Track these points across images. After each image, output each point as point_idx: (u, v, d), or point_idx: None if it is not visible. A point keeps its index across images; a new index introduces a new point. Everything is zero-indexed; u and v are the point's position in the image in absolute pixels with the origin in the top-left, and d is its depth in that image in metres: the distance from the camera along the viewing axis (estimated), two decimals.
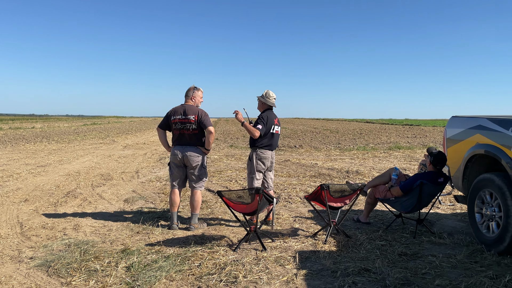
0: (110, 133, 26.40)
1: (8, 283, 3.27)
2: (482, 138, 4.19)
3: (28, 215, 5.49)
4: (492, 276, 3.34)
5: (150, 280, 3.30)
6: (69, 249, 4.06)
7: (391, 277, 3.32)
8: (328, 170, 9.69)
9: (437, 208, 5.96)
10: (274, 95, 4.97)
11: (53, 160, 11.48)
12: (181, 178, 4.90)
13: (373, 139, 21.52)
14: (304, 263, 3.69)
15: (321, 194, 4.30)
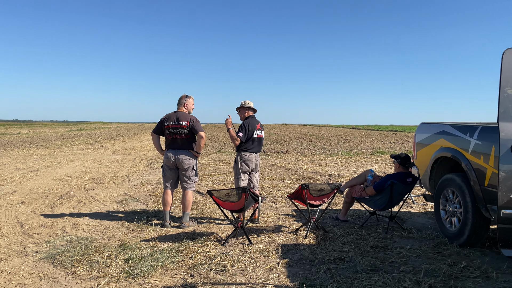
0: (98, 139, 26.50)
1: (18, 273, 3.61)
2: (445, 143, 4.69)
3: (27, 216, 5.79)
4: (451, 263, 3.80)
5: (147, 269, 3.67)
6: (70, 244, 4.40)
7: (362, 264, 3.76)
8: (312, 174, 10.16)
9: (410, 208, 6.46)
10: (251, 102, 5.40)
11: (44, 165, 11.70)
12: (174, 180, 5.28)
13: (357, 144, 22.13)
14: (286, 254, 4.11)
15: (301, 193, 4.73)
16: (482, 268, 3.67)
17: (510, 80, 2.86)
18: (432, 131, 5.04)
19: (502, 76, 2.86)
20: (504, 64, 2.85)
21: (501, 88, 2.84)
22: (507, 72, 2.85)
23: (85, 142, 22.79)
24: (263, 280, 3.47)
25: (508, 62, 2.86)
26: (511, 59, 2.86)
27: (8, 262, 3.88)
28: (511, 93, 2.85)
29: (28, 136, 28.74)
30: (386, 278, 3.42)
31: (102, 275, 3.55)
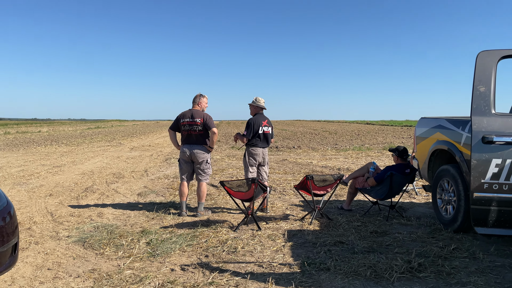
0: (115, 136, 27.28)
1: (53, 254, 4.10)
2: (441, 136, 5.01)
3: (55, 207, 6.32)
4: (442, 246, 4.15)
5: (167, 250, 4.13)
6: (97, 230, 4.90)
7: (360, 246, 4.14)
8: (322, 168, 10.52)
9: (413, 198, 6.78)
10: (263, 99, 5.81)
11: (66, 161, 12.33)
12: (189, 172, 5.73)
13: (369, 139, 22.32)
14: (291, 238, 4.52)
15: (306, 184, 5.12)
16: (471, 250, 4.01)
17: (482, 79, 3.19)
18: (430, 125, 5.36)
19: (476, 76, 3.19)
20: (478, 65, 3.19)
21: (474, 86, 3.17)
22: (480, 73, 3.19)
23: (104, 140, 23.54)
24: (269, 259, 3.88)
25: (481, 63, 3.19)
26: (484, 61, 3.19)
27: (44, 245, 4.38)
28: (483, 91, 3.18)
29: (48, 134, 29.71)
30: (380, 258, 3.81)
31: (127, 255, 4.02)
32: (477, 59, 3.19)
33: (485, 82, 3.20)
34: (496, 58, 3.22)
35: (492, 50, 3.21)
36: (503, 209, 3.22)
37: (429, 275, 3.43)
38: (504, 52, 3.22)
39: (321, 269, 3.57)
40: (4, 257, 3.08)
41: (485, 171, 3.18)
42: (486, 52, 3.23)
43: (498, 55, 3.22)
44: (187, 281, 3.39)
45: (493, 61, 3.23)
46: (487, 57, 3.22)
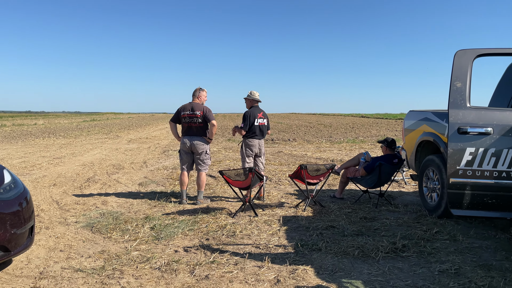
0: (112, 129, 27.46)
1: (64, 237, 4.39)
2: (427, 128, 5.33)
3: (60, 196, 6.59)
4: (425, 229, 4.49)
5: (170, 234, 4.43)
6: (103, 216, 5.19)
7: (349, 230, 4.47)
8: (316, 159, 10.84)
9: (402, 188, 7.12)
10: (257, 93, 6.10)
11: (66, 153, 12.57)
12: (189, 163, 6.02)
13: (363, 132, 22.69)
14: (286, 223, 4.84)
15: (300, 173, 5.43)
16: (452, 233, 4.34)
17: (459, 76, 3.49)
18: (417, 118, 5.68)
19: (453, 73, 3.49)
20: (455, 63, 3.49)
21: (451, 82, 3.48)
22: (457, 70, 3.49)
23: (101, 132, 23.73)
24: (266, 242, 4.20)
25: (458, 61, 3.49)
26: (461, 59, 3.49)
27: (54, 230, 4.67)
28: (459, 87, 3.49)
29: (45, 127, 29.82)
30: (367, 240, 4.13)
31: (133, 239, 4.32)
32: (454, 57, 3.49)
33: (461, 78, 3.51)
34: (472, 57, 3.53)
35: (469, 49, 3.51)
36: (475, 192, 3.54)
37: (411, 254, 3.76)
38: (479, 51, 3.53)
39: (313, 250, 3.89)
40: (22, 238, 3.37)
41: (460, 159, 3.50)
42: (463, 51, 3.53)
43: (473, 54, 3.52)
44: (191, 260, 3.69)
45: (469, 59, 3.53)
46: (463, 55, 3.52)
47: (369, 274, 3.33)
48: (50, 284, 3.18)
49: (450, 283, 3.14)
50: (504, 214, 3.62)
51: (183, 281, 3.24)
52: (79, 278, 3.31)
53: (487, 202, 3.57)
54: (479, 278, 3.21)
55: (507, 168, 3.46)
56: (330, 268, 3.45)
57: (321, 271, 3.40)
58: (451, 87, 3.49)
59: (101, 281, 3.24)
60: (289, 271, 3.40)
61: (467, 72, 3.53)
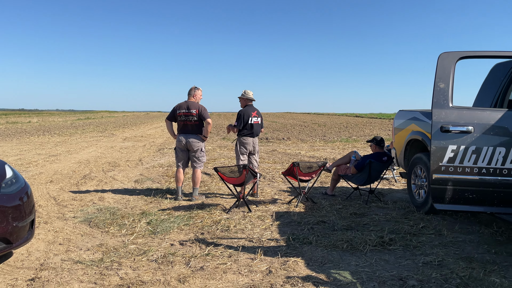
0: (107, 127, 27.48)
1: (62, 231, 4.52)
2: (416, 127, 5.51)
3: (57, 192, 6.69)
4: (412, 224, 4.67)
5: (166, 229, 4.57)
6: (101, 211, 5.31)
7: (339, 225, 4.64)
8: (309, 158, 11.02)
9: (392, 185, 7.31)
10: (251, 92, 6.25)
11: (61, 151, 12.64)
12: (185, 160, 6.16)
13: (357, 132, 22.92)
14: (279, 218, 5.00)
15: (293, 170, 5.59)
16: (437, 228, 4.53)
17: (442, 77, 3.66)
18: (406, 117, 5.86)
19: (437, 74, 3.66)
20: (439, 65, 3.66)
21: (435, 83, 3.65)
22: (440, 71, 3.66)
23: (96, 130, 23.76)
24: (259, 236, 4.35)
25: (442, 63, 3.67)
26: (444, 61, 3.67)
27: (53, 224, 4.79)
28: (442, 87, 3.66)
29: (39, 125, 29.76)
30: (356, 234, 4.30)
31: (130, 233, 4.45)
32: (438, 60, 3.67)
33: (444, 79, 3.68)
34: (455, 59, 3.70)
35: (452, 51, 3.68)
36: (457, 188, 3.72)
37: (398, 248, 3.94)
38: (462, 53, 3.70)
39: (304, 243, 4.05)
40: (24, 231, 3.50)
41: (443, 156, 3.67)
42: (446, 54, 3.70)
43: (456, 56, 3.69)
44: (186, 253, 3.83)
45: (452, 62, 3.70)
46: (447, 57, 3.69)
47: (356, 266, 3.50)
48: (51, 275, 3.31)
49: (432, 274, 3.31)
50: (484, 209, 3.81)
51: (179, 272, 3.39)
52: (78, 269, 3.45)
53: (468, 197, 3.75)
54: (461, 269, 3.38)
55: (487, 165, 3.64)
56: (320, 260, 3.61)
57: (311, 262, 3.56)
58: (435, 87, 3.67)
59: (100, 272, 3.38)
60: (281, 262, 3.56)
61: (450, 74, 3.70)
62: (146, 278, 3.27)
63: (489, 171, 3.66)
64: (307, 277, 3.25)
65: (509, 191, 3.68)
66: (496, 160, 3.62)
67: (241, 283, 3.18)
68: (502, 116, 3.68)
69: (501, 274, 3.32)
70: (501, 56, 3.87)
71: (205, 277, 3.28)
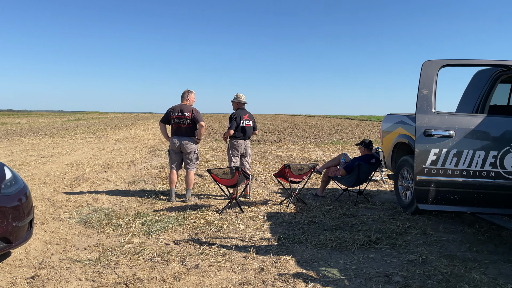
0: (98, 129, 27.39)
1: (59, 232, 4.61)
2: (402, 130, 5.70)
3: (51, 193, 6.76)
4: (399, 224, 4.86)
5: (160, 229, 4.69)
6: (96, 212, 5.41)
7: (329, 225, 4.81)
8: (300, 160, 11.20)
9: (381, 187, 7.51)
10: (243, 95, 6.40)
11: (53, 152, 12.64)
12: (178, 162, 6.28)
13: (347, 134, 23.21)
14: (270, 219, 5.15)
15: (284, 172, 5.75)
16: (422, 228, 4.72)
17: (425, 84, 3.86)
18: (393, 121, 6.05)
19: (420, 81, 3.86)
20: (422, 72, 3.86)
21: (419, 89, 3.84)
22: (424, 78, 3.85)
23: (87, 132, 23.69)
24: (251, 235, 4.50)
25: (425, 71, 3.86)
26: (427, 69, 3.87)
27: (49, 225, 4.88)
28: (426, 94, 3.85)
29: (29, 126, 29.55)
30: (345, 233, 4.47)
31: (125, 233, 4.57)
32: (422, 67, 3.86)
33: (427, 86, 3.87)
34: (437, 67, 3.89)
35: (435, 60, 3.87)
36: (439, 189, 3.91)
37: (384, 246, 4.11)
38: (444, 61, 3.90)
39: (295, 242, 4.21)
40: (23, 231, 3.60)
41: (426, 158, 3.86)
42: (429, 62, 3.90)
43: (439, 64, 3.89)
44: (181, 252, 3.96)
45: (435, 69, 3.89)
46: (430, 65, 3.89)
47: (344, 263, 3.66)
48: (50, 273, 3.42)
49: (416, 271, 3.49)
50: (465, 209, 4.00)
51: (174, 270, 3.52)
52: (76, 268, 3.56)
53: (449, 198, 3.94)
54: (443, 266, 3.57)
55: (467, 167, 3.84)
56: (310, 258, 3.77)
57: (301, 260, 3.72)
58: (419, 94, 3.86)
59: (97, 271, 3.49)
60: (272, 261, 3.71)
61: (433, 81, 3.90)
62: (142, 275, 3.40)
63: (469, 173, 3.86)
64: (298, 274, 3.40)
65: (488, 192, 3.88)
66: (476, 162, 3.82)
67: (235, 280, 3.33)
68: (482, 121, 3.89)
69: (481, 271, 3.51)
70: (481, 64, 4.08)
71: (200, 275, 3.41)
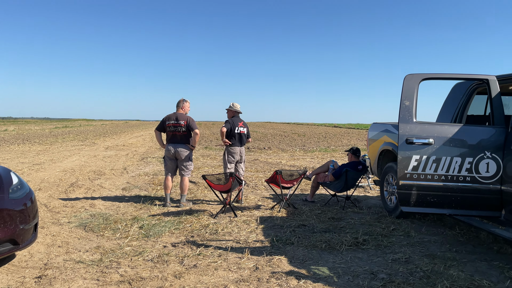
0: (87, 136, 27.34)
1: (60, 235, 4.78)
2: (387, 138, 6.02)
3: (47, 200, 6.90)
4: (384, 227, 5.14)
5: (158, 232, 4.90)
6: (94, 217, 5.59)
7: (318, 228, 5.07)
8: (290, 167, 11.48)
9: (368, 192, 7.82)
10: (238, 104, 6.67)
11: (44, 160, 12.70)
12: (173, 168, 6.50)
13: (335, 142, 23.62)
14: (263, 222, 5.40)
15: (276, 178, 6.01)
16: (406, 230, 5.01)
17: (407, 95, 4.18)
18: (379, 129, 6.38)
19: (403, 93, 4.18)
20: (404, 85, 4.18)
21: (401, 101, 4.17)
22: (406, 90, 4.18)
23: (76, 139, 23.66)
24: (245, 238, 4.73)
25: (407, 83, 4.19)
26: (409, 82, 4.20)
27: (49, 229, 5.05)
28: (408, 105, 4.17)
29: (17, 133, 29.33)
30: (334, 235, 4.74)
31: (124, 236, 4.76)
32: (404, 80, 4.19)
33: (409, 98, 4.19)
34: (418, 80, 4.22)
35: (416, 74, 4.20)
36: (420, 192, 4.22)
37: (370, 247, 4.39)
38: (424, 75, 4.23)
39: (287, 244, 4.46)
40: (29, 233, 3.78)
41: (408, 164, 4.16)
42: (411, 75, 4.23)
43: (420, 78, 4.22)
44: (179, 253, 4.18)
45: (416, 82, 4.22)
46: (411, 78, 4.21)
47: (333, 262, 3.92)
48: (56, 273, 3.60)
49: (400, 269, 3.76)
50: (444, 211, 4.30)
51: (174, 269, 3.73)
52: (80, 268, 3.75)
53: (430, 201, 4.24)
54: (424, 265, 3.85)
55: (445, 172, 4.15)
56: (301, 258, 4.02)
57: (293, 260, 3.97)
58: (401, 105, 4.18)
59: (101, 271, 3.69)
60: (266, 260, 3.95)
61: (414, 93, 4.22)
62: (144, 274, 3.60)
63: (447, 177, 4.17)
64: (290, 272, 3.65)
65: (465, 195, 4.19)
66: (453, 168, 4.13)
67: (231, 278, 3.56)
68: (458, 130, 4.22)
69: (459, 268, 3.80)
70: (458, 78, 4.42)
71: (198, 273, 3.63)
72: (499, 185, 4.12)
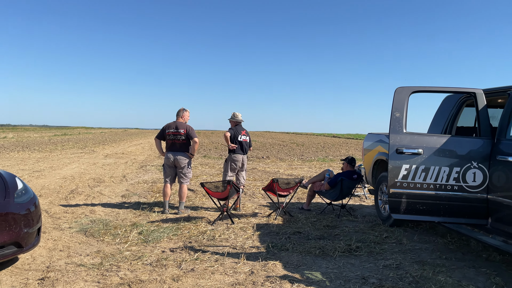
0: (87, 144, 27.48)
1: (61, 240, 4.91)
2: (382, 148, 6.19)
3: (48, 206, 7.02)
4: (377, 235, 5.28)
5: (157, 238, 5.03)
6: (94, 223, 5.72)
7: (313, 235, 5.21)
8: (288, 176, 11.62)
9: (363, 201, 7.97)
10: (240, 114, 6.85)
11: (44, 167, 12.83)
12: (172, 176, 6.64)
13: (333, 151, 23.78)
14: (259, 229, 5.53)
15: (273, 186, 6.16)
16: (399, 238, 5.15)
17: (398, 107, 4.36)
18: (374, 140, 6.55)
19: (393, 105, 4.36)
20: (395, 97, 4.37)
21: (392, 112, 4.34)
22: (396, 103, 4.36)
23: (75, 147, 23.79)
24: (241, 244, 4.87)
25: (398, 96, 4.37)
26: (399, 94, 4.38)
27: (51, 234, 5.17)
28: (398, 116, 4.35)
29: (16, 141, 29.45)
30: (328, 242, 4.88)
31: (124, 241, 4.89)
32: (394, 93, 4.37)
33: (399, 109, 4.38)
34: (408, 92, 4.41)
35: (406, 86, 4.38)
36: (410, 200, 4.37)
37: (363, 254, 4.52)
38: (414, 88, 4.41)
39: (282, 250, 4.60)
40: (32, 237, 3.92)
41: (398, 173, 4.32)
42: (401, 88, 4.41)
43: (409, 90, 4.40)
44: (177, 258, 4.31)
45: (406, 95, 4.40)
46: (402, 91, 4.40)
47: (326, 268, 4.06)
48: (58, 275, 3.73)
49: (390, 274, 3.90)
50: (433, 218, 4.45)
51: (172, 273, 3.86)
52: (82, 271, 3.88)
53: (419, 208, 4.40)
54: (414, 270, 3.99)
55: (434, 181, 4.31)
56: (296, 263, 4.16)
57: (288, 265, 4.10)
58: (392, 116, 4.35)
59: (101, 274, 3.82)
60: (261, 265, 4.08)
61: (404, 105, 4.40)
62: (143, 277, 3.73)
63: (436, 186, 4.33)
64: (284, 276, 3.78)
65: (453, 203, 4.34)
66: (441, 177, 4.29)
67: (228, 281, 3.69)
68: (446, 141, 4.39)
69: (448, 274, 3.94)
70: (446, 91, 4.60)
71: (196, 277, 3.76)
72: (485, 194, 4.28)
